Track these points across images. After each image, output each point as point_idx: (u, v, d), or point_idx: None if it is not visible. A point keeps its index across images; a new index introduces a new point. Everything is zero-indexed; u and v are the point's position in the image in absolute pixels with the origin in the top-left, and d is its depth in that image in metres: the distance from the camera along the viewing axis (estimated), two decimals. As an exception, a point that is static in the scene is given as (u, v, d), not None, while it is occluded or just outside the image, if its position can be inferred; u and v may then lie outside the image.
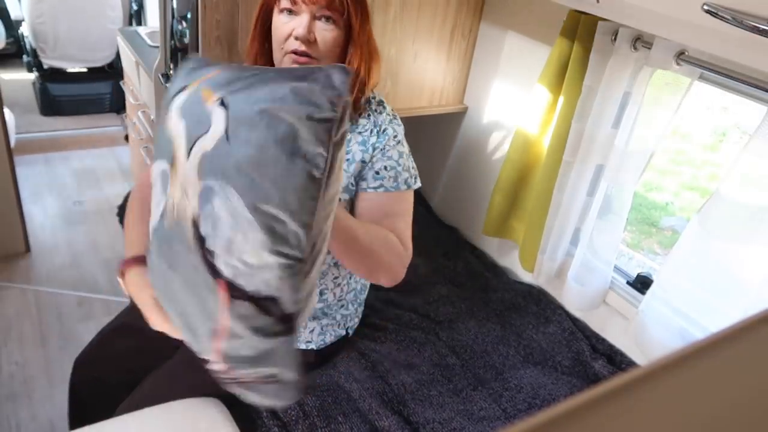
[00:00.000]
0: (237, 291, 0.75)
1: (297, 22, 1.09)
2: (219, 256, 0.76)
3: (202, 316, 0.80)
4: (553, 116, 1.59)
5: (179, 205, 0.80)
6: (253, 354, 0.78)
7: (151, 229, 0.87)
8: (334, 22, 1.10)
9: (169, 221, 0.82)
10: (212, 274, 0.77)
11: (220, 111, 0.78)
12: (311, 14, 1.08)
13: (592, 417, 0.25)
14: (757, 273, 1.21)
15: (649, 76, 1.34)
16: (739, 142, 3.14)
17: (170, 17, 1.87)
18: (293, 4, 1.08)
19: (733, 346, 0.29)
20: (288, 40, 1.10)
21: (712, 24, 0.91)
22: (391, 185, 1.16)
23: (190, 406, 1.25)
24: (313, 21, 1.09)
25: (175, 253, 0.81)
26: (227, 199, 0.75)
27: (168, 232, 0.82)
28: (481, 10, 1.88)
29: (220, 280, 0.76)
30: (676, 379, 0.27)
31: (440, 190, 2.18)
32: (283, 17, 1.10)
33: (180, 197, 0.80)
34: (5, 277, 2.41)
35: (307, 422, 1.23)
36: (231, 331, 0.77)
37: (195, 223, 0.78)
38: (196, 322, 0.81)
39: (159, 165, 0.86)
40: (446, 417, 1.30)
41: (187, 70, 0.92)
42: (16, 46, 3.93)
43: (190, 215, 0.78)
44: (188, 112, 0.82)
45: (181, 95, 0.86)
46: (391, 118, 1.21)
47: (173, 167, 0.81)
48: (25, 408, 1.83)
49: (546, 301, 1.72)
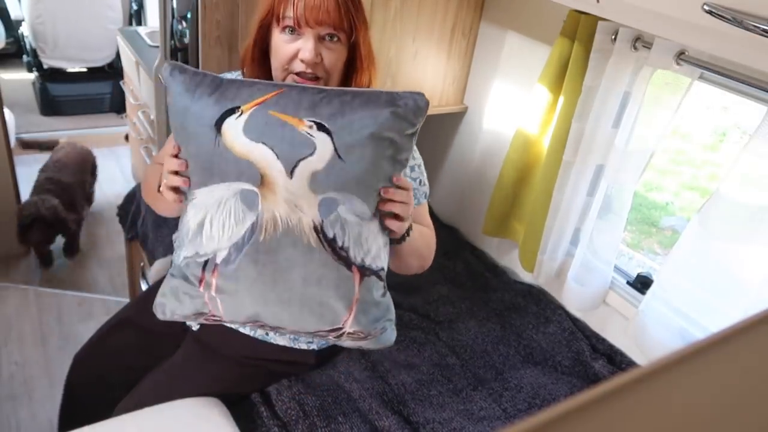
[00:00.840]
0: (367, 270, 1.01)
1: (301, 44, 1.05)
2: (350, 249, 0.99)
3: (336, 297, 1.00)
4: (553, 116, 1.59)
5: (289, 218, 0.96)
6: (376, 312, 1.05)
7: (230, 244, 0.99)
8: (339, 40, 1.07)
9: (269, 234, 0.97)
10: (346, 265, 0.99)
11: (323, 136, 0.95)
12: (316, 35, 1.05)
13: (592, 417, 0.25)
14: (757, 273, 1.21)
15: (649, 76, 1.34)
16: (739, 142, 3.14)
17: (170, 17, 1.87)
18: (298, 26, 1.04)
19: (733, 346, 0.29)
20: (293, 62, 1.06)
21: (712, 24, 0.91)
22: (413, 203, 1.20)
23: (190, 406, 1.25)
24: (318, 41, 1.05)
25: (287, 258, 0.98)
26: (352, 205, 0.97)
27: (269, 244, 0.98)
28: (482, 9, 1.88)
29: (353, 266, 1.00)
30: (676, 379, 0.27)
31: (440, 190, 2.18)
32: (285, 36, 1.06)
33: (288, 211, 0.96)
34: (5, 277, 2.41)
35: (307, 422, 1.23)
36: (362, 300, 1.02)
37: (317, 229, 0.97)
38: (328, 303, 1.01)
39: (232, 186, 0.97)
40: (446, 417, 1.30)
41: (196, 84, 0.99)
42: (16, 46, 3.93)
43: (310, 223, 0.97)
44: (269, 136, 0.95)
45: (234, 120, 0.95)
46: None
47: (265, 187, 0.96)
48: (26, 408, 1.84)
49: (546, 301, 1.72)
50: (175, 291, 1.06)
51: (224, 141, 0.96)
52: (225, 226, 0.98)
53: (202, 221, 1.00)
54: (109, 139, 3.53)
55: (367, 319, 1.04)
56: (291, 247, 0.98)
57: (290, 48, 1.06)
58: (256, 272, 1.00)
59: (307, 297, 1.01)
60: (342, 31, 1.06)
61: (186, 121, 1.00)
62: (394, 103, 0.97)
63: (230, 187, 0.97)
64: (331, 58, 1.07)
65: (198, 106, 0.98)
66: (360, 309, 1.03)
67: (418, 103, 0.99)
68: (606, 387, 0.25)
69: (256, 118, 0.96)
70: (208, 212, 0.99)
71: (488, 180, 1.92)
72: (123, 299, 2.35)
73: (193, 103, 0.99)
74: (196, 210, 1.01)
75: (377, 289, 1.05)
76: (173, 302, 1.06)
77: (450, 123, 2.08)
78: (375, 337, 1.07)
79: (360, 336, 1.06)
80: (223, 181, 0.98)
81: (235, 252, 0.99)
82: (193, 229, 1.01)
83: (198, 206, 1.00)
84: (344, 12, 1.04)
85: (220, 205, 0.98)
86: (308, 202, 0.96)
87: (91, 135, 3.54)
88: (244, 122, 0.96)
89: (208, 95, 0.98)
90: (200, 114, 0.98)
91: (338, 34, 1.06)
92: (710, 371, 0.28)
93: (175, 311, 1.07)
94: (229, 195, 0.98)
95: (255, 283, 1.01)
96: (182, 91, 1.00)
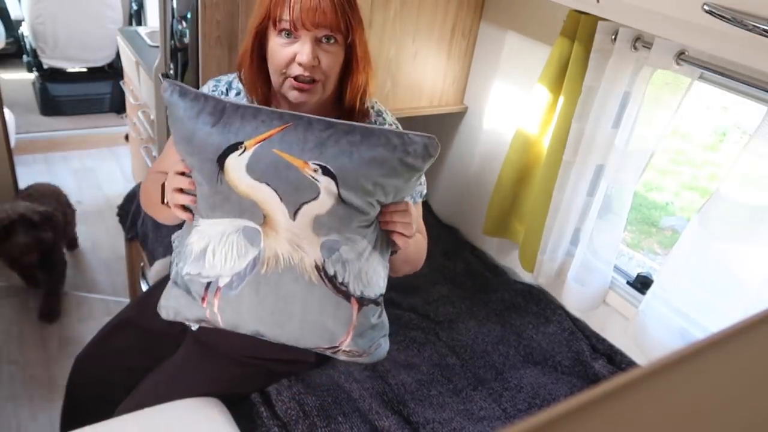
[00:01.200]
0: (365, 300, 1.05)
1: (298, 47, 1.03)
2: (350, 284, 1.02)
3: (335, 323, 1.04)
4: (553, 116, 1.59)
5: (291, 257, 0.99)
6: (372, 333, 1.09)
7: (233, 273, 1.01)
8: (336, 41, 1.05)
9: (271, 268, 1.00)
10: (345, 297, 1.03)
11: (328, 180, 0.95)
12: (313, 38, 1.03)
13: (592, 417, 0.25)
14: (757, 273, 1.21)
15: (649, 76, 1.34)
16: (739, 142, 3.14)
17: (170, 17, 1.87)
18: (294, 29, 1.02)
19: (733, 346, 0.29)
20: (290, 66, 1.05)
21: (712, 24, 0.91)
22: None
23: (190, 406, 1.25)
24: (315, 44, 1.04)
25: (288, 291, 1.01)
26: (354, 245, 1.00)
27: (270, 277, 1.00)
28: (481, 9, 1.88)
29: (352, 298, 1.03)
30: (676, 379, 0.27)
31: (440, 190, 2.18)
32: (281, 39, 1.04)
33: (290, 250, 0.99)
34: (5, 277, 2.40)
35: (307, 422, 1.23)
36: (359, 325, 1.06)
37: (319, 268, 1.00)
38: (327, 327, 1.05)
39: (235, 222, 0.99)
40: (446, 417, 1.30)
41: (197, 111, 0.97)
42: (16, 46, 3.93)
43: (312, 263, 0.99)
44: (273, 176, 0.95)
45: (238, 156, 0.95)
46: (395, 127, 1.19)
47: (268, 226, 0.98)
48: (26, 408, 1.84)
49: (546, 301, 1.72)
50: (179, 298, 1.08)
51: (227, 178, 0.96)
52: (227, 258, 1.01)
53: (205, 248, 1.02)
54: (109, 139, 3.53)
55: (364, 341, 1.09)
56: (292, 282, 1.01)
57: (287, 52, 1.04)
58: (258, 300, 1.03)
59: (306, 322, 1.04)
60: (339, 33, 1.04)
61: (190, 148, 0.99)
62: (405, 149, 0.96)
63: (233, 222, 0.99)
64: (328, 61, 1.05)
65: (201, 135, 0.96)
66: (357, 333, 1.07)
67: (429, 150, 0.98)
68: (606, 387, 0.25)
69: (259, 156, 0.95)
70: (211, 242, 1.01)
71: (488, 180, 1.92)
72: (123, 299, 2.35)
73: (195, 131, 0.97)
74: (199, 236, 1.02)
75: (374, 314, 1.09)
76: (177, 306, 1.09)
77: (450, 123, 2.08)
78: (370, 354, 1.12)
79: (356, 354, 1.10)
80: (226, 217, 0.99)
81: (237, 280, 1.02)
82: (197, 252, 1.03)
83: (201, 233, 1.02)
84: (341, 13, 1.03)
85: (223, 237, 1.00)
86: (310, 243, 0.98)
87: (91, 135, 3.54)
88: (248, 160, 0.95)
89: (211, 125, 0.96)
90: (203, 145, 0.96)
91: (335, 35, 1.04)
92: (710, 371, 0.28)
93: (179, 313, 1.10)
94: (231, 230, 1.00)
95: (256, 308, 1.04)
96: (184, 117, 0.98)
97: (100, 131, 3.60)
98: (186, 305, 1.08)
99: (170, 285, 1.10)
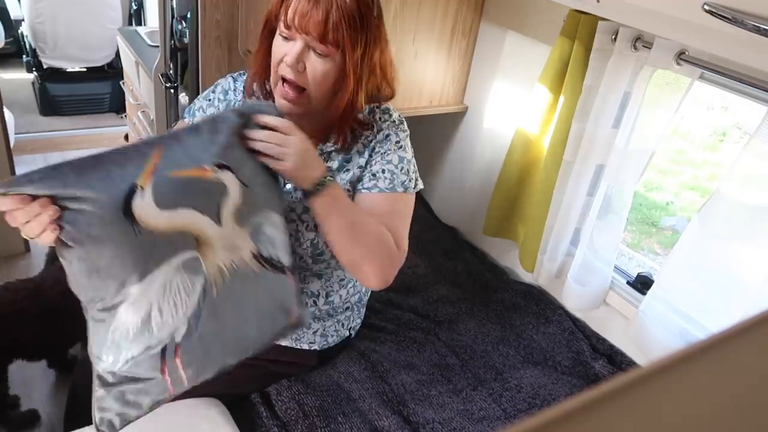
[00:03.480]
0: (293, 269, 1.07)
1: (290, 46, 1.04)
2: (281, 258, 1.04)
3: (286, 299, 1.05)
4: (554, 116, 1.59)
5: (232, 262, 0.98)
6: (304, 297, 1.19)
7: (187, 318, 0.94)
8: (327, 56, 1.04)
9: (219, 286, 0.97)
10: (281, 271, 1.04)
11: (228, 174, 0.97)
12: (305, 43, 1.03)
13: (592, 417, 0.25)
14: (757, 273, 1.21)
15: (650, 76, 1.34)
16: (739, 142, 3.14)
17: (170, 17, 1.87)
18: (287, 29, 1.04)
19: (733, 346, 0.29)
20: (280, 65, 1.06)
21: (713, 24, 0.91)
22: (386, 186, 1.15)
23: (190, 406, 1.25)
24: (306, 50, 1.04)
25: (242, 295, 0.99)
26: (271, 220, 1.03)
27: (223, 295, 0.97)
28: (482, 9, 1.88)
29: (287, 270, 1.05)
30: (676, 379, 0.27)
31: (440, 190, 2.18)
32: (280, 40, 1.06)
33: (230, 256, 0.98)
34: (5, 277, 2.40)
35: (307, 422, 1.23)
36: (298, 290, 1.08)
37: (257, 256, 1.01)
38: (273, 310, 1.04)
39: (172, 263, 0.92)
40: (446, 417, 1.30)
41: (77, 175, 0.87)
42: (15, 46, 3.93)
43: (249, 255, 1.00)
44: (184, 197, 0.93)
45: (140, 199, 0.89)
46: (397, 124, 1.19)
47: (203, 246, 0.95)
48: (26, 408, 1.83)
49: (546, 301, 1.72)
50: (122, 399, 0.96)
51: (144, 225, 0.89)
52: (178, 305, 0.93)
53: (148, 315, 0.92)
54: (108, 139, 3.52)
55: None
56: (242, 285, 0.99)
57: (281, 49, 1.06)
58: (219, 325, 0.97)
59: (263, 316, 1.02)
60: (326, 44, 1.03)
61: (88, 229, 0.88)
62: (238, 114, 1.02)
63: (170, 264, 0.92)
64: (315, 71, 1.05)
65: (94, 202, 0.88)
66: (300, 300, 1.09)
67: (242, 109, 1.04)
68: (606, 387, 0.25)
69: (160, 187, 0.90)
70: (153, 303, 0.92)
71: (488, 180, 1.92)
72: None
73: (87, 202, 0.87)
74: (135, 308, 0.91)
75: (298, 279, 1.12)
76: (124, 412, 0.97)
77: (450, 123, 2.08)
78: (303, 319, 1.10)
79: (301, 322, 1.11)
80: (162, 264, 0.91)
81: (194, 322, 0.95)
82: (137, 328, 0.92)
83: (138, 302, 0.91)
84: (332, 26, 1.01)
85: (166, 288, 0.92)
86: (241, 237, 0.99)
87: (90, 135, 3.54)
88: (152, 196, 0.90)
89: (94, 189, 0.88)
90: (100, 209, 0.88)
91: (326, 49, 1.03)
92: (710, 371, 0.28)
93: (130, 419, 0.98)
94: (172, 274, 0.92)
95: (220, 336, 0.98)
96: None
97: (100, 131, 3.60)
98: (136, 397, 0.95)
99: (100, 396, 0.96)
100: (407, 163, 1.18)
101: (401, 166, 1.17)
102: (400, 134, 1.19)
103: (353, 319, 1.40)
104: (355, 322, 1.41)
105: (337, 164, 1.17)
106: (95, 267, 0.88)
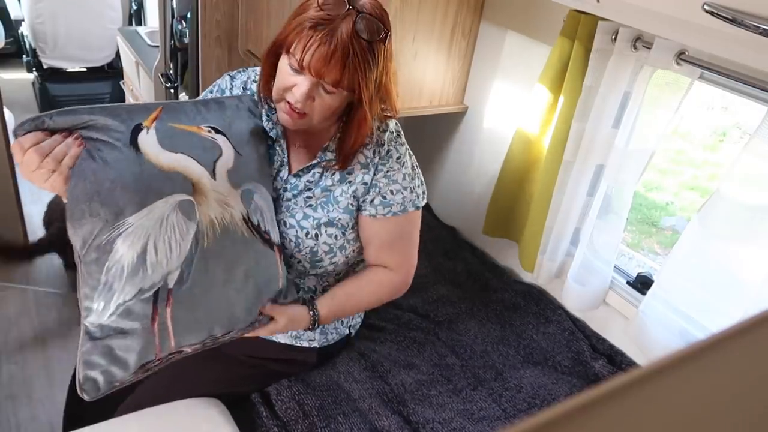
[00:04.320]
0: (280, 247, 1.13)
1: (300, 80, 1.03)
2: (270, 232, 1.09)
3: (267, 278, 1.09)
4: (554, 116, 1.59)
5: (223, 217, 1.02)
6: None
7: (181, 261, 0.98)
8: (337, 93, 1.04)
9: (210, 239, 1.01)
10: (270, 246, 1.09)
11: (222, 138, 1.06)
12: (315, 81, 1.02)
13: (592, 417, 0.25)
14: (757, 273, 1.21)
15: (650, 76, 1.34)
16: (739, 142, 3.14)
17: (170, 17, 1.87)
18: (300, 68, 1.01)
19: (733, 346, 0.29)
20: (287, 92, 1.05)
21: (713, 24, 0.91)
22: (399, 209, 1.18)
23: (190, 406, 1.25)
24: (316, 86, 1.03)
25: (231, 253, 1.03)
26: (261, 192, 1.09)
27: (213, 248, 1.01)
28: (482, 9, 1.88)
29: (275, 246, 1.10)
30: (676, 379, 0.27)
31: (440, 190, 2.18)
32: (290, 69, 1.04)
33: (221, 210, 1.02)
34: (5, 277, 2.41)
35: (307, 422, 1.23)
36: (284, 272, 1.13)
37: (246, 219, 1.05)
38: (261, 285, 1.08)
39: (169, 200, 0.97)
40: (446, 417, 1.30)
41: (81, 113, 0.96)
42: (15, 46, 3.93)
43: (240, 216, 1.05)
44: (182, 145, 1.01)
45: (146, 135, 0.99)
46: (395, 137, 1.19)
47: (198, 194, 1.00)
48: (25, 408, 1.84)
49: (546, 301, 1.72)
50: (109, 354, 0.95)
51: (147, 158, 0.97)
52: (172, 245, 0.96)
53: (144, 249, 0.94)
54: (109, 139, 3.52)
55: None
56: (231, 244, 1.04)
57: (290, 80, 1.04)
58: (209, 281, 1.00)
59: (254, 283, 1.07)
60: (341, 89, 1.03)
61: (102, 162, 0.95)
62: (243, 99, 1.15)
63: (167, 201, 0.97)
64: (322, 105, 1.05)
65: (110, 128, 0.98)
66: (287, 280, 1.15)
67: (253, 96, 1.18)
68: (606, 387, 0.25)
69: (162, 132, 1.00)
70: (150, 235, 0.94)
71: (488, 180, 1.92)
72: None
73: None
74: (133, 239, 0.93)
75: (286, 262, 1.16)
76: (110, 370, 0.95)
77: (450, 123, 2.08)
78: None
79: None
80: (160, 198, 0.96)
81: (186, 268, 0.97)
82: (132, 264, 0.93)
83: (135, 233, 0.93)
84: (348, 74, 1.00)
85: (163, 223, 0.95)
86: (233, 197, 1.05)
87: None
88: (155, 136, 0.99)
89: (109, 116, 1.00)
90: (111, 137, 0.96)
91: (338, 89, 1.03)
92: (710, 371, 0.28)
93: (115, 380, 0.96)
94: (168, 210, 0.96)
95: (210, 291, 1.00)
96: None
97: (100, 131, 3.59)
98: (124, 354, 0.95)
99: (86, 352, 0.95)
100: (411, 179, 1.20)
101: (406, 185, 1.18)
102: (400, 149, 1.19)
103: (353, 317, 1.40)
104: (354, 320, 1.42)
105: (339, 176, 1.16)
106: (97, 189, 0.93)
